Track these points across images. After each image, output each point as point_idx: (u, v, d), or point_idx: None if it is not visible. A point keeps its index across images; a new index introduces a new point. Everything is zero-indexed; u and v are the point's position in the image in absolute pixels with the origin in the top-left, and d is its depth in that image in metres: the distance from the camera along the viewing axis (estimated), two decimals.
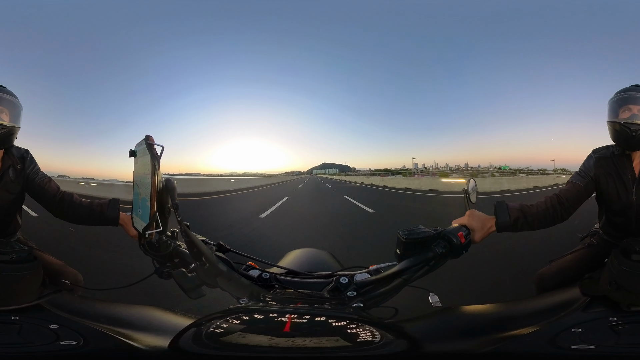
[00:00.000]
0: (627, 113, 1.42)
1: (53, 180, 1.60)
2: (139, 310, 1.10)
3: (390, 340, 0.75)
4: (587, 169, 1.51)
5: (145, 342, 0.87)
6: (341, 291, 0.97)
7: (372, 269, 1.05)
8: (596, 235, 1.62)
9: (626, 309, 1.00)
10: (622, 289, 1.01)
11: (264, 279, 1.04)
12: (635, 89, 1.45)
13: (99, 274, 3.15)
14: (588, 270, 1.26)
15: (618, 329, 0.93)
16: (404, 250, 1.03)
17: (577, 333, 0.90)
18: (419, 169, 75.98)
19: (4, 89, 1.51)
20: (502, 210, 1.31)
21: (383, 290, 0.97)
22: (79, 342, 0.89)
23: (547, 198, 1.44)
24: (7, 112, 1.47)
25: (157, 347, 0.83)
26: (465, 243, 1.11)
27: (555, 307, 1.07)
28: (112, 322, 0.98)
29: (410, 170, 76.02)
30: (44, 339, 0.91)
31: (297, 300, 0.93)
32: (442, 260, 1.05)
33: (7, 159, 1.52)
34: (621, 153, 1.47)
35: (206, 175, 31.61)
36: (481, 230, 1.22)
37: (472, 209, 1.29)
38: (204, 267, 0.98)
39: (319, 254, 1.53)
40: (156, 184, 0.93)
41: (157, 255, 1.08)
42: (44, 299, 1.08)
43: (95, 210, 1.50)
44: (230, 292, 0.99)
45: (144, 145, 0.96)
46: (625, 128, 1.41)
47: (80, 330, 0.93)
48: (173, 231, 1.12)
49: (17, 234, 1.60)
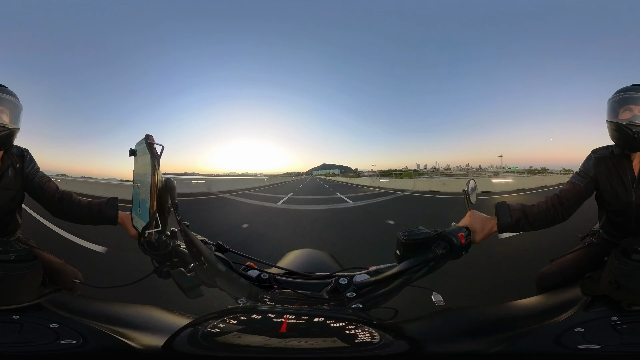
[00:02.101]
0: (628, 113, 1.40)
1: (52, 179, 1.60)
2: (138, 309, 1.09)
3: (390, 341, 0.74)
4: (587, 169, 1.50)
5: (142, 341, 0.87)
6: (340, 292, 0.96)
7: (372, 270, 1.04)
8: (596, 234, 1.61)
9: (627, 308, 1.00)
10: (623, 288, 1.01)
11: (262, 279, 1.03)
12: (636, 89, 1.43)
13: (99, 273, 3.14)
14: (589, 270, 1.25)
15: (619, 329, 0.93)
16: (403, 251, 1.03)
17: (580, 333, 0.90)
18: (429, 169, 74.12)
19: (5, 88, 1.50)
20: (503, 211, 1.31)
21: (383, 291, 0.96)
22: (78, 341, 0.89)
23: (547, 198, 1.44)
24: (7, 112, 1.46)
25: (153, 347, 0.83)
26: (465, 244, 1.11)
27: (556, 306, 1.06)
28: (111, 321, 0.98)
29: (419, 171, 74.41)
30: (45, 338, 0.91)
31: (296, 300, 0.92)
32: (442, 261, 1.04)
33: (7, 158, 1.51)
34: (620, 153, 1.46)
35: (205, 175, 30.92)
36: (482, 231, 1.22)
37: (473, 210, 1.29)
38: (202, 266, 0.98)
39: (318, 255, 1.53)
40: (156, 183, 0.93)
41: (157, 255, 1.08)
42: (44, 298, 1.08)
43: (94, 209, 1.49)
44: (229, 292, 0.98)
45: (144, 144, 0.96)
46: (626, 129, 1.39)
47: (79, 329, 0.93)
48: (172, 231, 1.11)
49: (17, 233, 1.60)
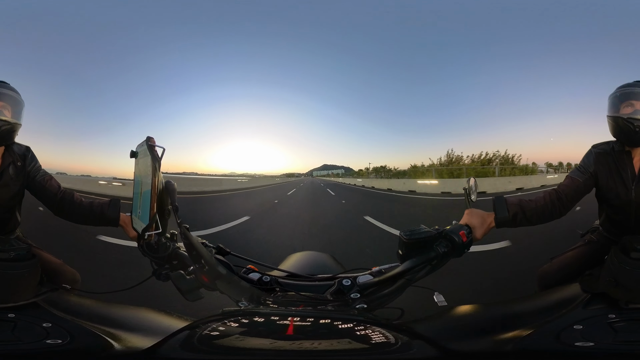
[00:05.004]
0: (629, 108, 1.40)
1: (54, 178, 1.58)
2: (134, 311, 1.08)
3: (406, 341, 0.73)
4: (587, 165, 1.50)
5: (133, 343, 0.86)
6: (344, 293, 0.96)
7: (375, 271, 1.04)
8: (596, 232, 1.62)
9: (624, 306, 1.00)
10: (621, 286, 1.01)
11: (264, 282, 1.02)
12: (638, 85, 1.43)
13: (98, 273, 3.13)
14: (588, 267, 1.26)
15: (616, 326, 0.93)
16: (406, 250, 1.03)
17: (578, 330, 0.91)
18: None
19: (7, 85, 1.49)
20: (500, 205, 1.32)
21: (387, 292, 0.96)
22: (64, 341, 0.87)
23: (546, 193, 1.44)
24: (9, 108, 1.45)
25: (143, 349, 0.81)
26: (467, 241, 1.11)
27: (557, 304, 1.07)
28: (105, 322, 0.97)
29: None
30: (34, 337, 0.89)
31: (299, 303, 0.91)
32: (444, 260, 1.05)
33: (8, 156, 1.50)
34: (621, 150, 1.46)
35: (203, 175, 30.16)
36: (481, 226, 1.23)
37: (471, 208, 1.29)
38: (203, 269, 0.97)
39: (320, 257, 1.52)
40: (156, 185, 0.92)
41: (156, 257, 1.08)
42: (41, 297, 1.07)
43: (96, 210, 1.47)
44: (230, 295, 0.97)
45: (145, 146, 0.95)
46: (628, 123, 1.39)
47: (70, 329, 0.91)
48: (172, 233, 1.11)
49: (16, 232, 1.58)
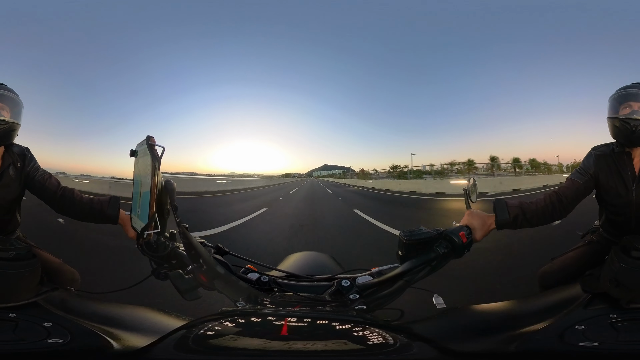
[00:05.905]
0: (627, 109, 1.42)
1: (53, 176, 1.60)
2: (133, 310, 1.08)
3: (405, 342, 0.73)
4: (587, 167, 1.50)
5: (131, 343, 0.86)
6: (343, 294, 0.96)
7: (374, 271, 1.04)
8: (596, 232, 1.62)
9: (625, 305, 1.00)
10: (622, 286, 1.01)
11: (262, 282, 1.02)
12: (636, 86, 1.44)
13: (97, 272, 3.14)
14: (589, 268, 1.26)
15: (617, 326, 0.93)
16: (405, 251, 1.03)
17: (580, 330, 0.90)
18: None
19: (4, 86, 1.51)
20: (501, 208, 1.32)
21: (386, 292, 0.96)
22: (65, 340, 0.87)
23: (546, 195, 1.44)
24: (7, 108, 1.47)
25: (139, 349, 0.81)
26: (467, 242, 1.11)
27: (557, 304, 1.06)
28: (104, 321, 0.97)
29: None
30: (35, 337, 0.89)
31: (297, 303, 0.91)
32: (444, 261, 1.05)
33: (7, 156, 1.51)
34: (621, 151, 1.46)
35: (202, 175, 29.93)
36: (482, 228, 1.23)
37: (471, 209, 1.29)
38: (201, 269, 0.97)
39: (319, 257, 1.52)
40: (156, 184, 0.92)
41: (155, 256, 1.08)
42: (41, 297, 1.07)
43: (96, 207, 1.50)
44: (228, 295, 0.97)
45: (144, 145, 0.95)
46: (625, 124, 1.40)
47: (70, 328, 0.92)
48: (171, 232, 1.11)
49: (17, 232, 1.60)
